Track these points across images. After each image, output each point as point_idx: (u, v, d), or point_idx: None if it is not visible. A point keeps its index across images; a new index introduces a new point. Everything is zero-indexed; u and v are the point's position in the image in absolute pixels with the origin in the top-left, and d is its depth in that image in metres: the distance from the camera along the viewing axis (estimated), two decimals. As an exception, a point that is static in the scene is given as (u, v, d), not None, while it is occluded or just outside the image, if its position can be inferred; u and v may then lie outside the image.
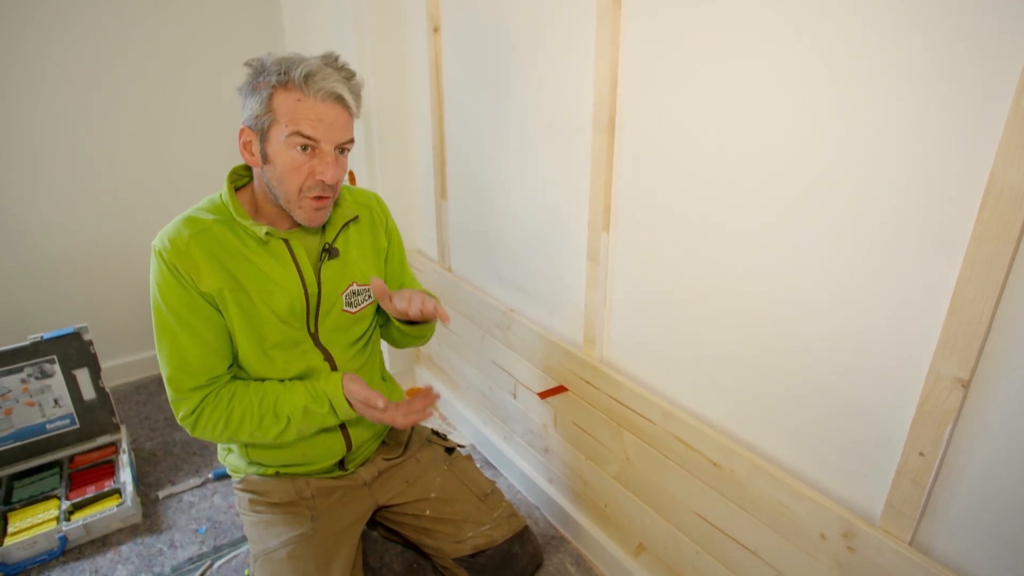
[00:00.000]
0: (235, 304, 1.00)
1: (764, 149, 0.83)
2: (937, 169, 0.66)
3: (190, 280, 0.97)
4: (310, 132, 0.92)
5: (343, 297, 1.09)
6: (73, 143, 1.84)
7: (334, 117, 0.94)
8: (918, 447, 0.72)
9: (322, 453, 1.14)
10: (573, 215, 1.20)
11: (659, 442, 1.09)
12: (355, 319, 1.12)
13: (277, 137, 0.93)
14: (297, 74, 0.90)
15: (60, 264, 1.92)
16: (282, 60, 0.92)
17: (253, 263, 1.01)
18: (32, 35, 1.71)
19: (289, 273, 1.03)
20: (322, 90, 0.91)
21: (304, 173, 0.95)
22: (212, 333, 1.00)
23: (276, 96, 0.91)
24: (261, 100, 0.92)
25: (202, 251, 0.97)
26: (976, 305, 0.64)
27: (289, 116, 0.91)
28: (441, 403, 1.92)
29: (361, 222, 1.14)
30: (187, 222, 0.99)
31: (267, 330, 1.03)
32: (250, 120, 0.94)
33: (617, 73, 1.02)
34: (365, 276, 1.13)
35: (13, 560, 1.32)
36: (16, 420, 1.53)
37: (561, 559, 1.35)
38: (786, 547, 0.90)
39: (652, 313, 1.09)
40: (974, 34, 0.61)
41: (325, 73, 0.92)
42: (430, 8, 1.48)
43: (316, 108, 0.92)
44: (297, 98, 0.91)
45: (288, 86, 0.91)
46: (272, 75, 0.91)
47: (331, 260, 1.08)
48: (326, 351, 1.10)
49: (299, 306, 1.04)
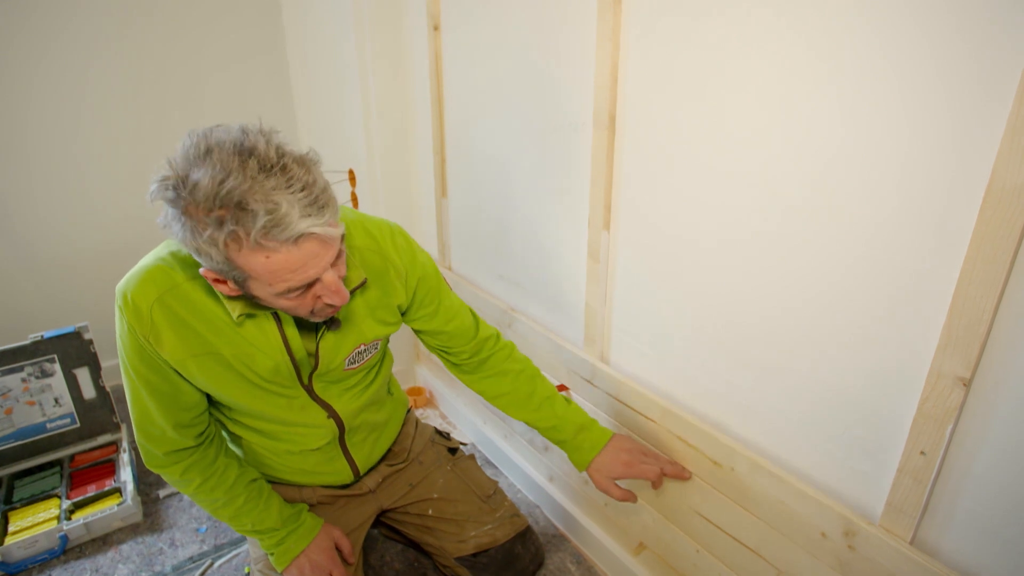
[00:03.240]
0: (201, 369, 0.88)
1: (765, 147, 0.82)
2: (938, 167, 0.66)
3: (149, 346, 0.85)
4: (300, 283, 0.75)
5: (345, 360, 0.98)
6: (72, 143, 1.84)
7: (318, 250, 0.73)
8: (919, 446, 0.72)
9: (330, 481, 1.13)
10: (574, 213, 1.20)
11: (659, 440, 1.08)
12: (356, 370, 1.03)
13: (262, 290, 0.77)
14: (253, 233, 0.68)
15: (60, 263, 1.92)
16: (210, 188, 0.67)
17: (231, 326, 0.87)
18: (29, 37, 1.70)
19: (273, 341, 0.90)
20: (290, 238, 0.70)
21: (309, 305, 0.81)
22: (172, 396, 0.91)
23: (234, 255, 0.71)
24: (218, 259, 0.72)
25: (167, 315, 0.84)
26: (978, 304, 0.64)
27: (266, 276, 0.73)
28: (441, 401, 1.92)
29: (370, 282, 0.96)
30: (153, 277, 0.84)
31: (250, 388, 0.93)
32: (212, 270, 0.75)
33: (618, 69, 1.01)
34: (373, 335, 1.00)
35: (14, 559, 1.32)
36: (16, 419, 1.52)
37: (561, 558, 1.35)
38: (787, 546, 0.90)
39: (653, 312, 1.08)
40: (974, 30, 0.60)
41: (283, 211, 0.68)
42: (430, 6, 1.47)
43: (293, 258, 0.72)
44: (265, 256, 0.71)
45: (245, 245, 0.69)
46: (212, 227, 0.68)
47: (331, 332, 0.94)
48: (326, 405, 1.01)
49: (285, 368, 0.93)
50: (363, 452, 1.13)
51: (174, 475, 0.98)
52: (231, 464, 1.02)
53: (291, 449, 1.04)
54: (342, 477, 1.13)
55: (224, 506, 1.01)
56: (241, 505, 1.01)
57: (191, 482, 0.99)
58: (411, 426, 1.28)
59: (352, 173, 1.84)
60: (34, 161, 1.80)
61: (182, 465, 0.97)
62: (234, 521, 1.02)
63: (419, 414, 1.92)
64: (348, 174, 1.84)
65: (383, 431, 1.18)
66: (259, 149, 0.70)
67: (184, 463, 0.97)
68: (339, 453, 1.10)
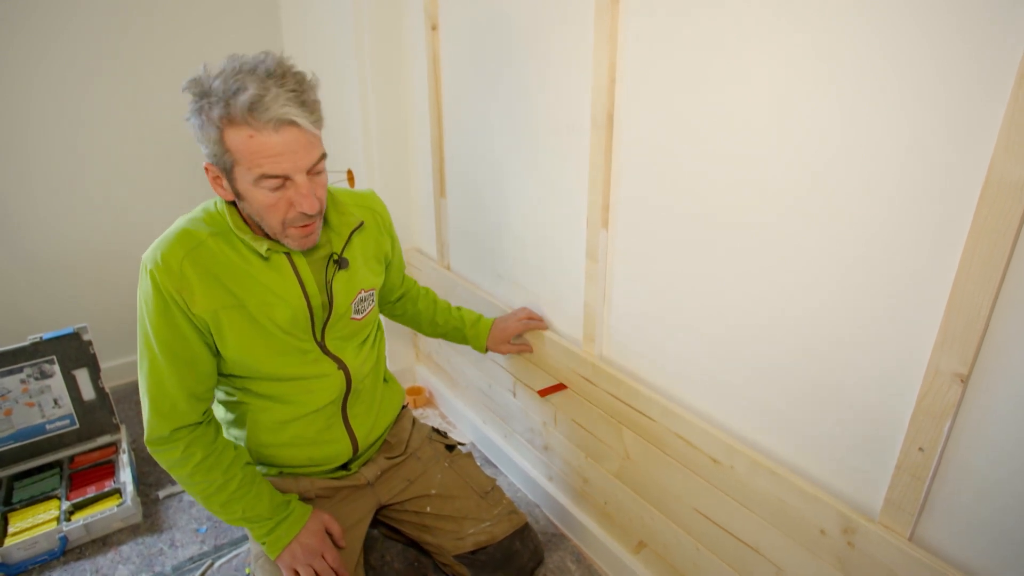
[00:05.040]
0: (230, 323, 0.96)
1: (764, 145, 0.82)
2: (935, 162, 0.66)
3: (182, 302, 0.92)
4: (275, 171, 0.85)
5: (352, 305, 1.08)
6: (72, 143, 1.84)
7: (295, 145, 0.85)
8: (917, 442, 0.72)
9: (329, 456, 1.13)
10: (572, 212, 1.20)
11: (659, 439, 1.09)
12: (361, 324, 1.12)
13: (243, 177, 0.87)
14: (239, 106, 0.81)
15: (59, 264, 1.92)
16: (221, 83, 0.83)
17: (252, 276, 0.97)
18: (29, 37, 1.71)
19: (291, 286, 1.00)
20: (272, 120, 0.82)
21: (283, 208, 0.90)
22: (190, 363, 0.96)
23: (227, 134, 0.84)
24: (214, 139, 0.85)
25: (196, 270, 0.92)
26: (975, 299, 0.64)
27: (247, 157, 0.84)
28: (441, 401, 1.92)
29: (366, 228, 1.12)
30: (181, 237, 0.94)
31: (270, 341, 1.00)
32: (211, 157, 0.88)
33: (615, 69, 1.02)
34: (370, 282, 1.12)
35: (14, 560, 1.32)
36: (16, 421, 1.53)
37: (561, 556, 1.35)
38: (786, 543, 0.90)
39: (651, 311, 1.09)
40: (974, 30, 0.61)
41: (272, 95, 0.82)
42: (428, 6, 1.48)
43: (272, 142, 0.84)
44: (248, 134, 0.83)
45: (235, 121, 0.82)
46: (216, 106, 0.83)
47: (341, 271, 1.05)
48: (337, 359, 1.08)
49: (303, 317, 1.01)
50: (363, 426, 1.15)
51: (176, 452, 0.99)
52: (228, 445, 1.05)
53: (297, 413, 1.07)
54: (341, 448, 1.13)
55: (219, 490, 1.01)
56: (235, 490, 1.02)
57: (192, 457, 0.99)
58: (408, 421, 1.30)
59: (351, 173, 1.84)
60: (34, 161, 1.80)
61: (185, 441, 0.99)
62: (226, 509, 1.03)
63: (418, 413, 1.92)
64: (347, 174, 1.85)
65: (381, 409, 1.20)
66: (268, 60, 0.85)
67: (187, 439, 0.99)
68: (340, 421, 1.12)
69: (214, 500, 1.02)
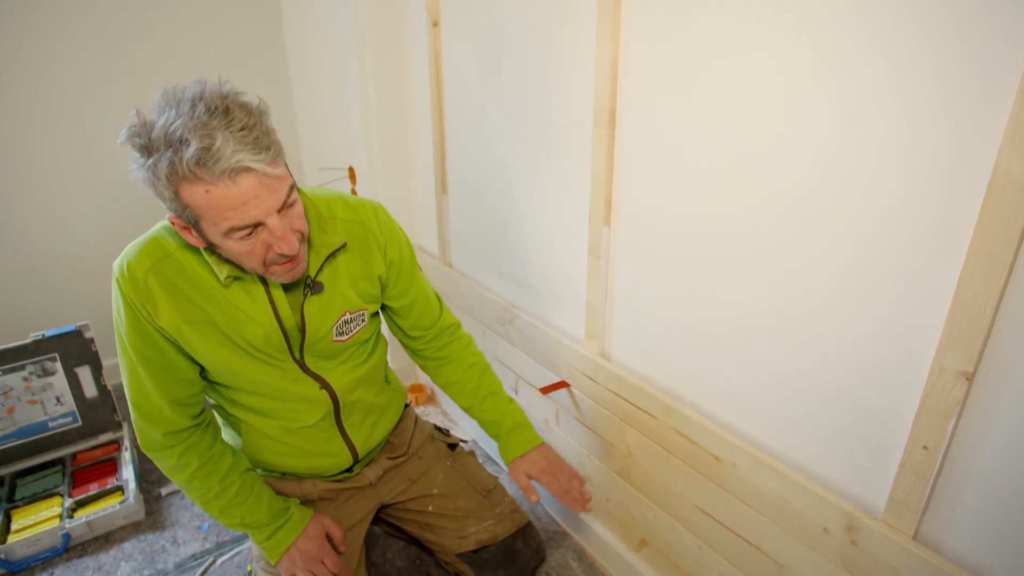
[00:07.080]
0: (200, 337, 0.91)
1: (766, 143, 0.82)
2: (939, 164, 0.66)
3: (147, 314, 0.88)
4: (243, 222, 0.78)
5: (333, 329, 1.01)
6: (73, 143, 1.84)
7: (258, 189, 0.77)
8: (921, 441, 0.72)
9: (328, 466, 1.13)
10: (574, 209, 1.20)
11: (661, 437, 1.08)
12: (346, 345, 1.05)
13: (212, 231, 0.80)
14: (187, 163, 0.72)
15: (61, 262, 1.92)
16: (163, 134, 0.74)
17: (222, 293, 0.91)
18: (29, 37, 1.70)
19: (262, 308, 0.93)
20: (226, 171, 0.74)
21: (260, 252, 0.83)
22: (167, 371, 0.93)
23: (181, 191, 0.76)
24: (170, 196, 0.77)
25: (161, 282, 0.88)
26: (980, 298, 0.64)
27: (210, 212, 0.77)
28: (443, 399, 1.92)
29: (350, 249, 1.01)
30: (150, 247, 0.89)
31: (244, 358, 0.95)
32: (172, 212, 0.81)
33: (618, 66, 1.01)
34: (356, 304, 1.03)
35: (16, 557, 1.32)
36: (18, 418, 1.53)
37: (563, 554, 1.35)
38: (789, 541, 0.90)
39: (654, 308, 1.08)
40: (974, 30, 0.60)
41: (219, 143, 0.73)
42: (429, 3, 1.47)
43: (231, 193, 0.75)
44: (205, 190, 0.75)
45: (186, 177, 0.74)
46: (161, 163, 0.74)
47: (314, 295, 0.97)
48: (319, 378, 1.03)
49: (276, 338, 0.96)
50: (361, 434, 1.13)
51: (171, 459, 0.98)
52: (226, 451, 1.03)
53: (288, 426, 1.05)
54: (341, 460, 1.12)
55: (217, 496, 1.01)
56: (233, 496, 1.01)
57: (188, 466, 0.98)
58: (410, 420, 1.29)
59: (352, 171, 1.84)
60: (34, 161, 1.80)
61: (179, 448, 0.98)
62: (224, 514, 1.02)
63: (420, 411, 1.92)
64: (348, 171, 1.85)
65: (381, 415, 1.18)
66: (208, 96, 0.76)
67: (181, 446, 0.98)
68: (336, 434, 1.10)
69: (213, 506, 1.02)
